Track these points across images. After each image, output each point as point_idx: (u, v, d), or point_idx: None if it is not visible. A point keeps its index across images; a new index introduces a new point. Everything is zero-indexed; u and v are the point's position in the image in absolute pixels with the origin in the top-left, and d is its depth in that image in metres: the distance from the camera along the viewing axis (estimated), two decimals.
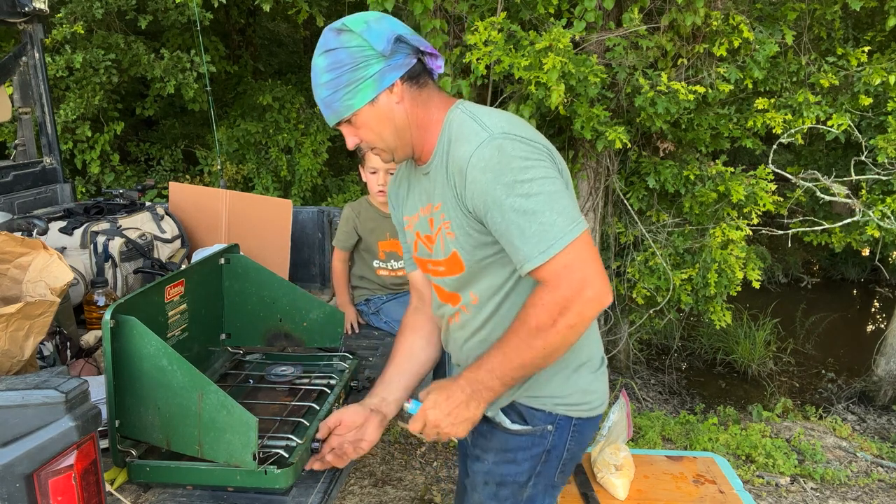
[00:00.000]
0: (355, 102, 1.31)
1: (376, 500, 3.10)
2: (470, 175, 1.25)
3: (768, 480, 3.55)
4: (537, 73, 3.50)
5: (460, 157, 1.27)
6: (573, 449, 1.48)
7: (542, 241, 1.21)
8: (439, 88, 1.41)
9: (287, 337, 2.02)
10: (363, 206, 2.67)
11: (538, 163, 1.24)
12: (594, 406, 1.48)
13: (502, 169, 1.22)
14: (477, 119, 1.29)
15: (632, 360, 5.38)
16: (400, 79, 1.31)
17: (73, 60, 4.93)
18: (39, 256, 1.70)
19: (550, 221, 1.20)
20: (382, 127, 1.34)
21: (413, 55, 1.33)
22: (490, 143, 1.24)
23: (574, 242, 1.21)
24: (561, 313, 1.22)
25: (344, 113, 1.33)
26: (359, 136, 1.37)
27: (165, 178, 6.27)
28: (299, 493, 1.46)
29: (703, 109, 4.25)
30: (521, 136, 1.25)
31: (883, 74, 4.19)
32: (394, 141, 1.36)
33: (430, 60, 1.37)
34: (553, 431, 1.44)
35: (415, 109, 1.35)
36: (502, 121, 1.28)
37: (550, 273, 1.22)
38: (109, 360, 1.40)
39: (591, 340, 1.49)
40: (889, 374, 5.18)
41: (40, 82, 3.01)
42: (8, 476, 1.04)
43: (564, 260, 1.21)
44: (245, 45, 7.28)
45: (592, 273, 1.22)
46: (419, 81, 1.35)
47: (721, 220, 4.56)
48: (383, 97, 1.31)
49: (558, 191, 1.23)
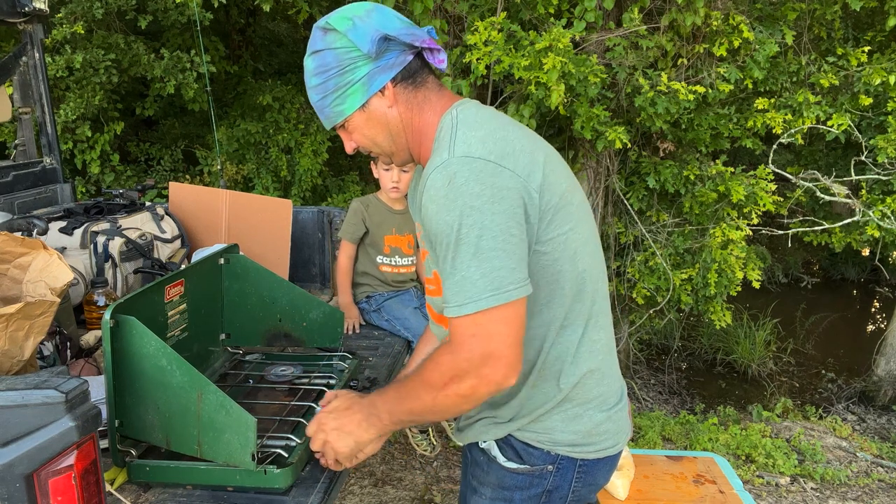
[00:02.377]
0: (345, 108, 1.24)
1: (376, 500, 3.10)
2: (423, 200, 1.15)
3: (768, 480, 3.55)
4: (537, 73, 3.50)
5: (424, 176, 1.17)
6: (579, 490, 1.32)
7: (458, 295, 1.10)
8: (440, 86, 1.29)
9: (287, 337, 2.02)
10: (372, 201, 2.71)
11: (489, 204, 1.09)
12: (603, 448, 1.30)
13: (447, 204, 1.10)
14: (453, 133, 1.16)
15: (632, 360, 5.38)
16: (391, 80, 1.22)
17: (73, 60, 4.93)
18: (39, 256, 1.71)
19: (472, 279, 1.08)
20: (375, 132, 1.26)
21: (407, 52, 1.22)
22: (444, 170, 1.11)
23: (489, 311, 1.08)
24: (453, 380, 1.13)
25: (335, 119, 1.26)
26: (354, 142, 1.31)
27: (165, 178, 6.27)
28: (299, 493, 1.46)
29: (703, 109, 4.25)
30: (486, 160, 1.11)
31: (883, 74, 4.19)
32: (389, 146, 1.29)
33: (429, 56, 1.25)
34: (553, 472, 1.29)
35: (409, 113, 1.25)
36: (475, 137, 1.14)
37: (457, 333, 1.12)
38: (109, 360, 1.40)
39: (604, 375, 1.31)
40: (889, 374, 5.19)
41: (40, 82, 3.01)
42: (8, 476, 1.04)
43: (473, 329, 1.10)
44: (245, 45, 7.28)
45: (499, 350, 1.09)
46: (415, 81, 1.24)
47: (721, 220, 4.56)
48: (374, 101, 1.23)
49: (495, 249, 1.08)
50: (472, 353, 1.10)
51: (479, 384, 1.11)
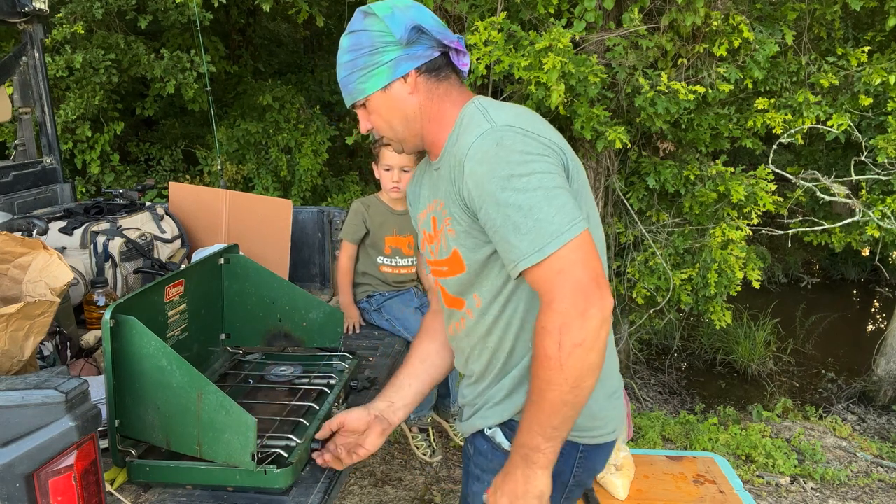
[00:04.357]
0: (368, 87, 1.30)
1: (376, 500, 3.10)
2: (467, 167, 1.19)
3: (768, 480, 3.55)
4: (537, 73, 3.50)
5: (461, 149, 1.23)
6: (580, 475, 1.36)
7: (537, 239, 1.11)
8: (461, 84, 1.35)
9: (287, 337, 2.02)
10: (373, 201, 2.71)
11: (539, 157, 1.17)
12: (604, 433, 1.34)
13: (499, 161, 1.15)
14: (485, 112, 1.24)
15: (632, 360, 5.38)
16: (416, 69, 1.28)
17: (73, 60, 4.93)
18: (39, 256, 1.71)
19: (547, 218, 1.11)
20: (392, 115, 1.32)
21: (436, 48, 1.29)
22: (490, 135, 1.18)
23: (571, 243, 1.11)
24: (562, 331, 1.09)
25: (357, 96, 1.32)
26: (371, 122, 1.35)
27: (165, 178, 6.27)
28: (299, 492, 1.46)
29: (703, 109, 4.25)
30: (525, 130, 1.19)
31: (883, 74, 4.19)
32: (403, 131, 1.34)
33: (455, 57, 1.33)
34: (556, 458, 1.29)
35: (429, 103, 1.31)
36: (510, 114, 1.23)
37: (544, 279, 1.13)
38: (109, 360, 1.40)
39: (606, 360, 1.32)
40: (889, 374, 5.18)
41: (40, 82, 3.01)
42: (8, 476, 1.04)
43: (559, 264, 1.11)
44: (245, 45, 7.28)
45: (589, 277, 1.10)
46: (439, 75, 1.31)
47: (721, 220, 4.56)
48: (396, 85, 1.29)
49: (558, 187, 1.15)
50: (565, 292, 1.10)
51: (586, 320, 1.08)
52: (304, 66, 7.62)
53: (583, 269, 1.11)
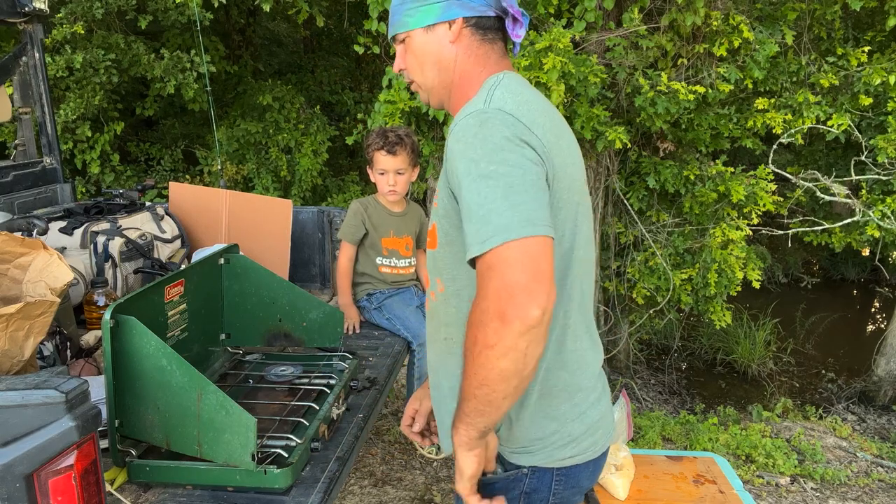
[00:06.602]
0: (413, 21, 1.25)
1: (376, 500, 3.10)
2: (449, 143, 1.13)
3: (768, 480, 3.55)
4: (537, 73, 3.50)
5: (453, 124, 1.16)
6: (561, 493, 1.26)
7: (482, 230, 1.01)
8: (504, 54, 1.28)
9: (287, 337, 2.02)
10: (371, 203, 2.71)
11: (517, 148, 1.06)
12: (576, 453, 1.24)
13: (475, 142, 1.07)
14: (491, 91, 1.16)
15: (632, 360, 5.38)
16: (464, 19, 1.23)
17: (73, 60, 4.93)
18: (39, 256, 1.71)
19: (499, 211, 1.01)
20: (427, 59, 1.27)
21: (493, 8, 1.23)
22: (478, 115, 1.10)
23: (516, 242, 0.99)
24: (478, 329, 1.00)
25: (399, 28, 1.27)
26: (404, 63, 1.30)
27: (165, 178, 6.27)
28: (299, 493, 1.46)
29: (703, 109, 4.25)
30: (515, 118, 1.10)
31: (883, 74, 4.19)
32: (433, 79, 1.28)
33: (510, 25, 1.25)
34: (529, 475, 1.24)
35: (466, 58, 1.25)
36: (512, 99, 1.14)
37: (479, 273, 1.03)
38: (109, 360, 1.40)
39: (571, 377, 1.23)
40: (889, 374, 5.18)
41: (40, 82, 3.01)
42: (8, 476, 1.04)
43: (495, 260, 0.99)
44: (245, 45, 7.28)
45: (524, 281, 0.97)
46: (485, 35, 1.25)
47: (721, 220, 4.56)
48: (441, 29, 1.24)
49: (528, 182, 1.04)
50: (489, 290, 0.99)
51: (501, 326, 0.97)
52: (304, 66, 7.63)
53: (520, 271, 0.98)
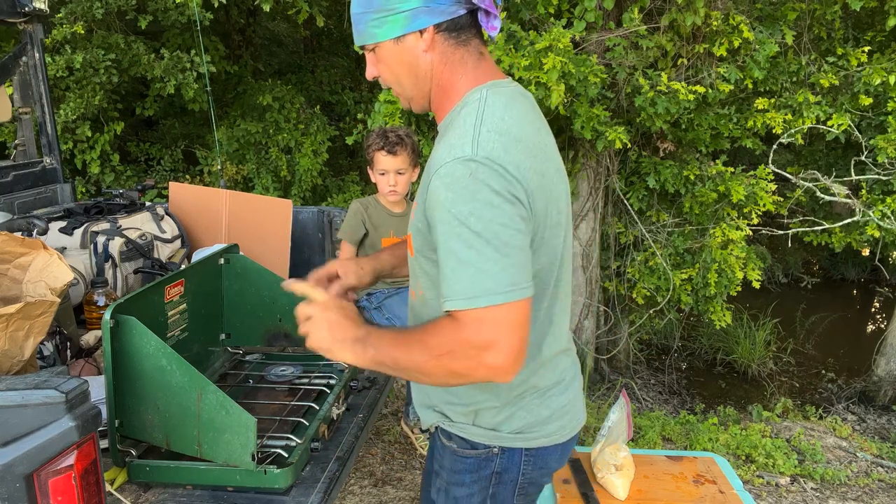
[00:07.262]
0: (379, 33, 1.18)
1: (376, 500, 3.10)
2: (434, 183, 1.11)
3: (768, 480, 3.55)
4: (537, 73, 3.50)
5: (437, 157, 1.14)
6: (530, 473, 1.30)
7: (472, 287, 1.06)
8: (481, 53, 1.23)
9: (287, 337, 2.02)
10: (371, 203, 2.71)
11: (507, 204, 1.08)
12: (544, 434, 1.28)
13: (466, 195, 1.07)
14: (478, 124, 1.13)
15: (632, 360, 5.38)
16: (435, 26, 1.16)
17: (73, 60, 4.94)
18: (39, 256, 1.71)
19: (491, 273, 1.05)
20: (402, 71, 1.21)
21: (463, 5, 1.16)
22: (467, 164, 1.08)
23: (504, 306, 1.05)
24: (450, 354, 1.08)
25: (366, 39, 1.21)
26: (378, 71, 1.25)
27: (165, 178, 6.28)
28: (299, 492, 1.46)
29: (703, 109, 4.25)
30: (505, 168, 1.09)
31: (883, 74, 4.19)
32: (411, 89, 1.24)
33: (483, 18, 1.20)
34: (500, 455, 1.28)
35: (443, 66, 1.20)
36: (497, 140, 1.11)
37: (465, 316, 1.07)
38: (109, 360, 1.40)
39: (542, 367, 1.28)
40: (889, 374, 5.18)
41: (40, 82, 3.01)
42: (8, 476, 1.04)
43: (483, 314, 1.05)
44: (245, 45, 7.28)
45: (508, 343, 1.05)
46: (460, 37, 1.19)
47: (721, 220, 4.56)
48: (411, 39, 1.17)
49: (514, 245, 1.07)
50: (477, 337, 1.06)
51: (476, 368, 1.07)
52: (304, 66, 7.63)
53: (503, 332, 1.06)
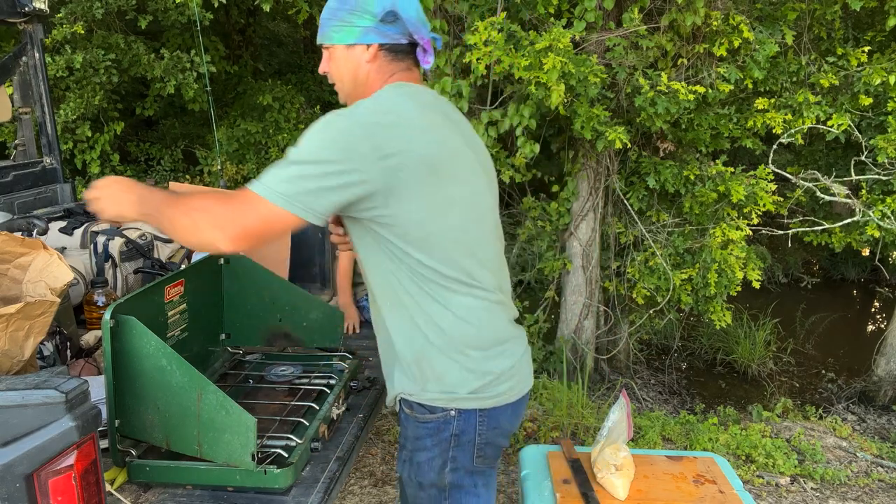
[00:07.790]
0: (336, 37, 1.43)
1: (376, 500, 3.10)
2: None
3: (768, 480, 3.54)
4: (537, 73, 3.49)
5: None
6: (486, 434, 1.42)
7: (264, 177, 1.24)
8: (410, 69, 1.46)
9: (287, 337, 2.02)
10: None
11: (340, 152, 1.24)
12: (494, 395, 1.41)
13: (312, 133, 1.26)
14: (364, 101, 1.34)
15: (632, 360, 5.38)
16: (380, 45, 1.41)
17: (73, 60, 4.94)
18: (39, 256, 1.71)
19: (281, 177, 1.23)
20: (345, 72, 1.45)
21: (405, 37, 1.41)
22: (334, 115, 1.29)
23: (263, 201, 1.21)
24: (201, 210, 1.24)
25: (325, 39, 1.45)
26: (328, 67, 1.48)
27: (165, 178, 6.28)
28: (299, 492, 1.46)
29: (703, 109, 4.25)
30: (363, 126, 1.27)
31: (883, 74, 4.19)
32: (349, 88, 1.47)
33: (420, 53, 1.44)
34: (456, 417, 1.39)
35: (375, 75, 1.43)
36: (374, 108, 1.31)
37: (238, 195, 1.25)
38: (109, 360, 1.40)
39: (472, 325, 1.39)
40: (889, 374, 5.18)
41: (40, 82, 3.01)
42: (8, 476, 1.04)
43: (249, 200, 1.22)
44: (245, 45, 7.28)
45: (240, 230, 1.22)
46: (397, 56, 1.43)
47: (721, 220, 4.56)
48: (359, 49, 1.42)
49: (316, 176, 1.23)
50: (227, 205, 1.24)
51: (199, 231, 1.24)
52: (304, 66, 7.63)
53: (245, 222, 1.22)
